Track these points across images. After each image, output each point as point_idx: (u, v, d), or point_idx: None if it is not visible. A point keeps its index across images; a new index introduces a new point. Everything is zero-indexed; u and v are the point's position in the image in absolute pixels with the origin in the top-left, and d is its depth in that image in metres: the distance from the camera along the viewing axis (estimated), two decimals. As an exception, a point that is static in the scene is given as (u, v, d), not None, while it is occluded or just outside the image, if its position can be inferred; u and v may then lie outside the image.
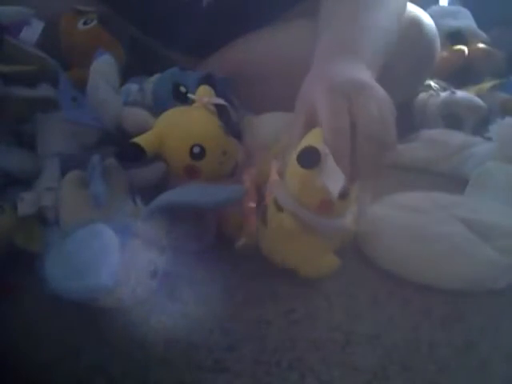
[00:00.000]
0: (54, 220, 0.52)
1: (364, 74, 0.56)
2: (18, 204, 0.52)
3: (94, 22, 0.79)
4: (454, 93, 0.97)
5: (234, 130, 0.66)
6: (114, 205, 0.51)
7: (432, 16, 0.97)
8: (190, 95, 0.63)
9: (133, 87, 0.73)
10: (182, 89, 0.73)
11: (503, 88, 1.05)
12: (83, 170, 0.54)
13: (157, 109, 0.70)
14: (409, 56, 0.88)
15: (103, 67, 0.65)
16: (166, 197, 0.51)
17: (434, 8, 1.45)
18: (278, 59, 0.85)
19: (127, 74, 0.78)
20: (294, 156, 0.50)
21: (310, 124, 0.53)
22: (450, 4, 1.68)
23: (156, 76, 0.76)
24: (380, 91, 0.53)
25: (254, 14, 0.87)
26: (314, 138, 0.50)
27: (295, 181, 0.50)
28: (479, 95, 0.98)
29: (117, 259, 0.43)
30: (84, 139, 0.62)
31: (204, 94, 0.63)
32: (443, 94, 0.97)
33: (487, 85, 1.10)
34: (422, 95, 0.99)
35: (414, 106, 0.99)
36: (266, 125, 0.77)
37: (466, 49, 1.29)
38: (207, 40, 0.88)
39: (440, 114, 0.94)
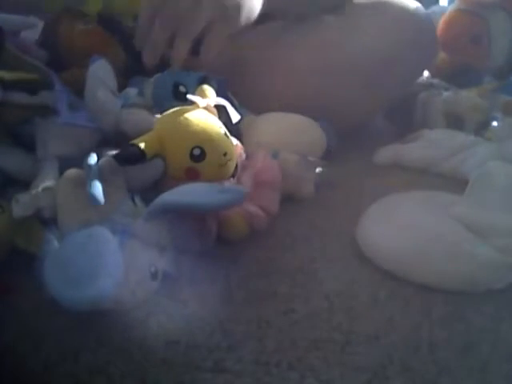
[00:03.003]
0: (53, 220, 0.52)
1: None
2: (12, 206, 0.52)
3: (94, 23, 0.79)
4: (456, 92, 0.97)
5: (234, 131, 0.66)
6: (113, 204, 0.51)
7: (432, 16, 0.97)
8: (189, 96, 0.63)
9: (132, 90, 0.73)
10: (182, 88, 0.73)
11: (505, 89, 1.05)
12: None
13: (157, 109, 0.70)
14: (403, 43, 0.89)
15: (100, 71, 0.65)
16: (166, 197, 0.51)
17: (434, 8, 1.45)
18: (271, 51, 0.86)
19: (127, 74, 0.79)
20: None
21: None
22: (449, 4, 1.68)
23: (156, 76, 0.76)
24: None
25: None
26: None
27: None
28: (481, 96, 0.98)
29: (116, 265, 0.43)
30: (83, 142, 0.62)
31: (204, 95, 0.63)
32: (446, 93, 0.97)
33: (489, 86, 1.10)
34: (424, 94, 0.99)
35: (415, 104, 0.99)
36: (266, 125, 0.77)
37: (465, 49, 1.29)
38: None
39: (442, 111, 0.94)
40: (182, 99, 0.69)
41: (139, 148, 0.55)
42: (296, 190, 0.70)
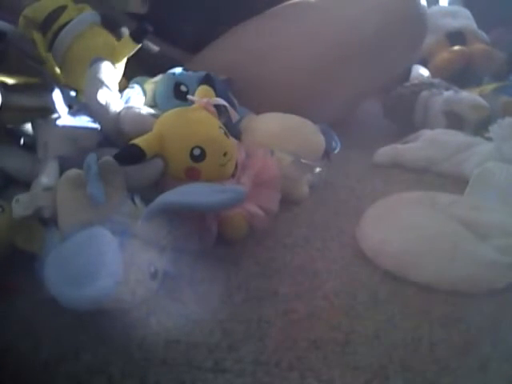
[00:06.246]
0: (53, 220, 0.52)
1: None
2: (12, 206, 0.52)
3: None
4: (457, 92, 0.97)
5: (234, 131, 0.66)
6: (113, 204, 0.51)
7: (432, 16, 0.97)
8: (189, 96, 0.63)
9: (132, 91, 0.73)
10: (183, 88, 0.73)
11: (505, 90, 1.05)
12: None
13: (158, 107, 0.70)
14: (398, 30, 0.92)
15: (100, 71, 0.65)
16: (167, 197, 0.51)
17: (434, 8, 1.45)
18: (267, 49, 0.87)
19: (128, 73, 0.79)
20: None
21: None
22: (450, 4, 1.68)
23: (158, 76, 0.76)
24: None
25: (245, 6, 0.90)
26: None
27: None
28: (481, 96, 0.98)
29: (116, 265, 0.43)
30: (84, 143, 0.62)
31: (204, 95, 0.63)
32: (446, 93, 0.97)
33: (489, 86, 1.10)
34: (425, 93, 0.99)
35: (415, 104, 0.99)
36: (264, 125, 0.77)
37: (466, 49, 1.29)
38: (204, 33, 0.90)
39: (442, 111, 0.94)
40: (182, 99, 0.70)
41: (139, 148, 0.56)
42: (289, 191, 0.69)
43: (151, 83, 0.76)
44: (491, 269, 0.53)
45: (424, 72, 1.17)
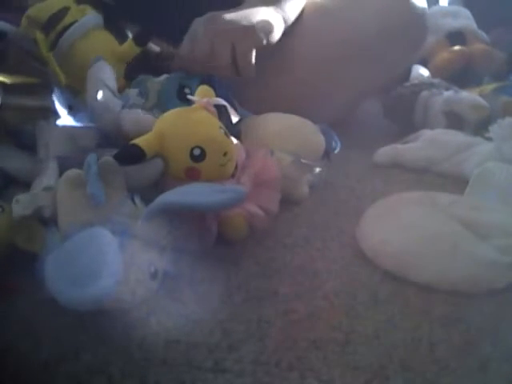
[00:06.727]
0: (53, 220, 0.52)
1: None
2: (12, 206, 0.52)
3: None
4: (457, 92, 0.97)
5: (234, 131, 0.66)
6: (113, 204, 0.51)
7: (432, 16, 0.97)
8: (189, 96, 0.63)
9: (132, 91, 0.73)
10: (187, 90, 0.74)
11: (505, 90, 1.05)
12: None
13: (161, 108, 0.70)
14: (400, 32, 0.92)
15: (100, 72, 0.65)
16: (166, 197, 0.51)
17: (434, 8, 1.45)
18: None
19: (128, 73, 0.79)
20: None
21: None
22: (450, 4, 1.68)
23: (164, 76, 0.77)
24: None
25: None
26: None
27: None
28: (481, 96, 0.98)
29: (117, 265, 0.43)
30: (83, 143, 0.63)
31: (204, 95, 0.63)
32: (446, 93, 0.97)
33: (490, 86, 1.10)
34: (425, 93, 0.99)
35: (415, 104, 0.99)
36: (265, 125, 0.77)
37: (466, 49, 1.29)
38: None
39: (442, 111, 0.94)
40: (185, 100, 0.70)
41: (139, 148, 0.56)
42: (289, 191, 0.69)
43: (155, 83, 0.76)
44: (491, 269, 0.53)
45: (424, 72, 1.17)
